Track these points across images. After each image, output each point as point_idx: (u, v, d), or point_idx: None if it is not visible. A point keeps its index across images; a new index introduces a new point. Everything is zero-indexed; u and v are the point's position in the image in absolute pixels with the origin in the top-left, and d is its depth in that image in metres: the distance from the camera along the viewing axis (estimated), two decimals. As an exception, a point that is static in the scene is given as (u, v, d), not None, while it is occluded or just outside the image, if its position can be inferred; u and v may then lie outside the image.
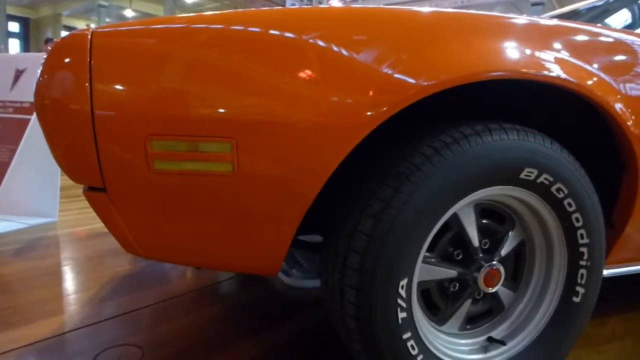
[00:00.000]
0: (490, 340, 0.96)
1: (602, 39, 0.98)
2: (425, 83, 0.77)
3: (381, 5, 0.87)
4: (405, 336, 0.81)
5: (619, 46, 0.99)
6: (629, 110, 0.93)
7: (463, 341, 0.96)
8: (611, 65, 0.95)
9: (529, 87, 0.91)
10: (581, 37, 0.95)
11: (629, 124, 0.93)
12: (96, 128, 0.71)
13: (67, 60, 0.74)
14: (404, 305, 0.80)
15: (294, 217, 0.77)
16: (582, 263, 0.95)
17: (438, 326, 0.94)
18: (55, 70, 0.75)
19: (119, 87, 0.73)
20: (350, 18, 0.81)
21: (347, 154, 0.75)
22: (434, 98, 0.82)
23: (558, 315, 0.96)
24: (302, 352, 1.15)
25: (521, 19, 0.92)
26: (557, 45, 0.91)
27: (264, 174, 0.74)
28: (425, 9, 0.86)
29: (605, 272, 1.16)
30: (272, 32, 0.75)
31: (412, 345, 0.82)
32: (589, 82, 0.89)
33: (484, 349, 0.95)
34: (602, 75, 0.92)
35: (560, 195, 0.89)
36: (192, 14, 0.79)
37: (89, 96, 0.71)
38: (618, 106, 0.92)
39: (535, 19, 0.95)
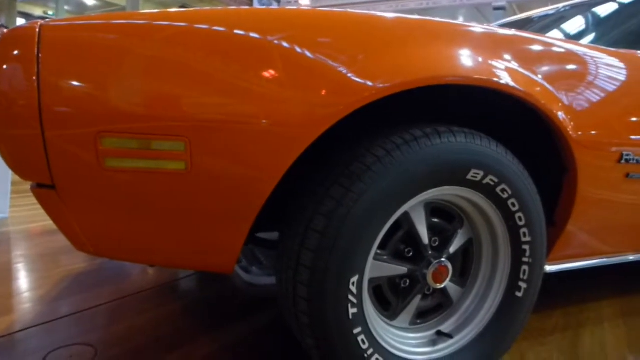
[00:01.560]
0: (439, 333, 1.00)
1: (550, 49, 1.03)
2: (381, 85, 0.79)
3: (347, 6, 0.89)
4: (356, 331, 0.84)
5: (565, 57, 1.05)
6: (569, 117, 0.98)
7: (413, 335, 1.00)
8: (556, 75, 1.01)
9: (483, 92, 0.94)
10: (531, 47, 1.00)
11: (569, 130, 0.98)
12: (44, 124, 0.70)
13: (14, 53, 0.72)
14: (354, 301, 0.83)
15: (248, 215, 0.78)
16: (525, 260, 1.00)
17: (389, 321, 0.97)
18: (2, 63, 0.73)
19: (69, 82, 0.71)
20: (313, 21, 0.82)
21: (301, 153, 0.76)
22: (397, 99, 0.84)
23: (502, 309, 1.01)
24: (259, 349, 1.17)
25: (477, 28, 0.96)
26: (508, 55, 0.95)
27: (217, 172, 0.74)
28: (390, 15, 0.88)
29: (549, 269, 1.23)
30: (236, 32, 0.75)
31: (362, 340, 0.85)
32: (535, 91, 0.94)
33: (433, 343, 0.99)
34: (547, 84, 0.98)
35: (505, 195, 0.94)
36: (155, 11, 0.78)
37: (37, 90, 0.70)
38: (560, 114, 0.97)
39: (489, 28, 0.99)
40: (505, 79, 0.91)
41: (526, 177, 0.96)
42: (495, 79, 0.89)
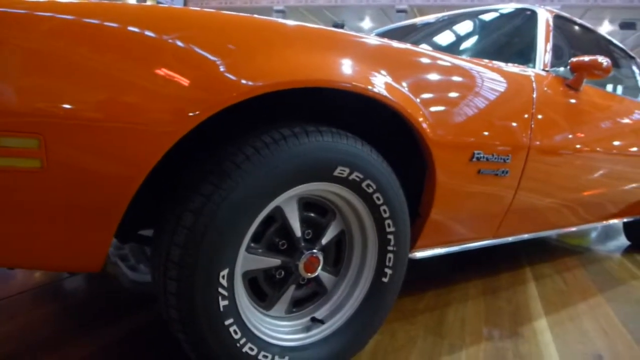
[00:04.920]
0: (313, 320, 1.07)
1: (418, 61, 1.13)
2: (260, 83, 0.83)
3: None
4: (227, 322, 0.87)
5: (429, 68, 1.15)
6: (428, 123, 1.10)
7: (289, 323, 1.05)
8: (420, 85, 1.11)
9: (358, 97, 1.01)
10: (402, 59, 1.10)
11: (428, 133, 1.10)
12: None
13: None
14: (225, 293, 0.86)
15: (113, 213, 0.78)
16: (390, 248, 1.10)
17: (265, 311, 1.02)
18: None
19: None
20: (194, 20, 0.82)
21: (168, 149, 0.77)
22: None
23: (370, 294, 1.10)
24: (139, 347, 1.15)
25: (360, 38, 1.03)
26: (384, 65, 1.04)
27: (77, 170, 0.73)
28: (275, 20, 0.92)
29: (418, 255, 1.36)
30: (108, 24, 0.73)
31: (234, 330, 0.89)
32: (402, 100, 1.04)
33: (307, 329, 1.05)
34: (411, 95, 1.08)
35: (370, 190, 1.02)
36: (42, 0, 0.73)
37: None
38: (421, 120, 1.08)
39: (372, 39, 1.07)
40: (379, 88, 0.99)
41: (390, 173, 1.06)
42: (370, 87, 0.97)
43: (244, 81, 0.82)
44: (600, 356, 1.29)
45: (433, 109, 1.13)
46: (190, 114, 0.77)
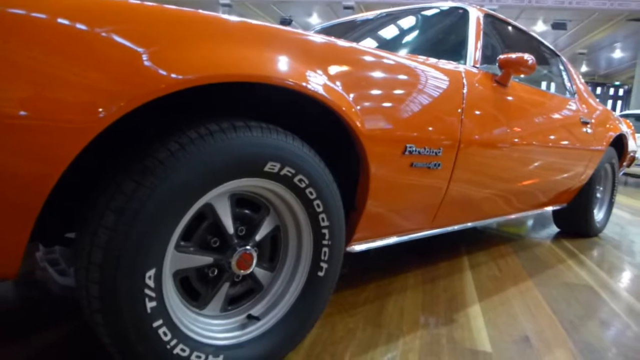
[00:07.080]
0: (249, 317, 1.06)
1: (352, 58, 1.14)
2: (190, 77, 0.81)
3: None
4: (155, 324, 0.85)
5: (363, 65, 1.16)
6: (361, 119, 1.12)
7: (224, 321, 1.04)
8: (353, 83, 1.12)
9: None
10: (341, 56, 1.11)
11: (360, 128, 1.11)
12: None
13: None
14: (152, 295, 0.83)
15: (25, 216, 0.73)
16: (325, 242, 1.11)
17: (199, 310, 1.00)
18: None
19: None
20: (120, 10, 0.78)
21: (84, 146, 0.73)
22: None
23: (306, 288, 1.11)
24: (69, 355, 1.10)
25: (297, 35, 1.03)
26: (321, 63, 1.05)
27: (-20, 170, 0.68)
28: (207, 14, 0.89)
29: (357, 248, 1.38)
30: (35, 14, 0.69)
31: (164, 332, 0.86)
32: (337, 98, 1.05)
33: (242, 326, 1.04)
34: (345, 92, 1.09)
35: (302, 185, 1.03)
36: None
37: None
38: (355, 117, 1.10)
39: (310, 36, 1.06)
40: (314, 85, 0.99)
41: (322, 167, 1.07)
42: (304, 83, 0.97)
43: (173, 75, 0.79)
44: (527, 337, 1.37)
45: (366, 104, 1.15)
46: (107, 109, 0.74)
